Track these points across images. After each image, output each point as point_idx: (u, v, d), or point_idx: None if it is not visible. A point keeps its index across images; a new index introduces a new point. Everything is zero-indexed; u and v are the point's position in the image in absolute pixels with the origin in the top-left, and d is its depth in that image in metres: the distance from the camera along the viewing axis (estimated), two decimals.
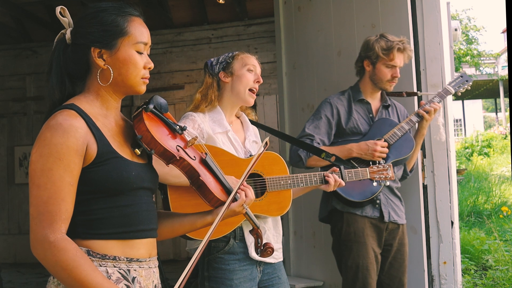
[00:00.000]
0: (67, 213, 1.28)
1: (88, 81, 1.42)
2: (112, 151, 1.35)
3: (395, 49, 2.76)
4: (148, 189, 1.45)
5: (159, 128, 1.43)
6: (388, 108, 2.94)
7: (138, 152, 1.40)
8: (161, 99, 1.48)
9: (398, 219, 2.81)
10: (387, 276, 2.83)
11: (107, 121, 1.41)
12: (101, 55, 1.39)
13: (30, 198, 1.28)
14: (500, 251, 5.39)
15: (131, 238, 1.38)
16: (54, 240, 1.24)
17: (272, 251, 1.70)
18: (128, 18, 1.41)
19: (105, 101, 1.42)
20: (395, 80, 2.82)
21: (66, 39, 1.41)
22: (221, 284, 2.13)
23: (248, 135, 2.35)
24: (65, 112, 1.32)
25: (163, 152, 1.40)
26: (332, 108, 2.85)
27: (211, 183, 1.49)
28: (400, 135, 2.75)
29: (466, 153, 15.43)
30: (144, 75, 1.43)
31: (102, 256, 1.32)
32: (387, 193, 2.81)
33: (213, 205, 1.51)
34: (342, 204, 2.76)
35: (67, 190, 1.27)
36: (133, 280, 1.37)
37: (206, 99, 2.26)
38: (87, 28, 1.40)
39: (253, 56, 2.33)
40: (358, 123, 2.83)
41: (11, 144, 7.24)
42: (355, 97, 2.89)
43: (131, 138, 1.44)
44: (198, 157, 1.50)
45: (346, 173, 2.39)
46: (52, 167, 1.26)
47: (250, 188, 1.60)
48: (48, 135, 1.30)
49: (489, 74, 19.73)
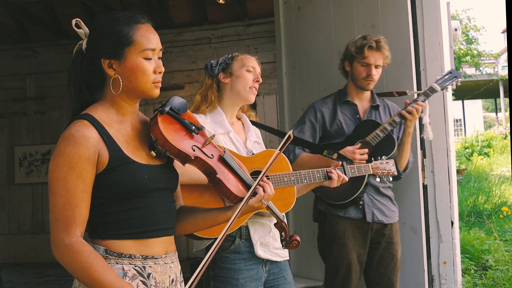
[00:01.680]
0: (82, 217, 1.37)
1: (104, 89, 1.50)
2: (123, 157, 1.42)
3: (367, 47, 2.80)
4: (166, 189, 1.52)
5: (174, 130, 1.48)
6: (378, 108, 2.94)
7: (154, 154, 1.46)
8: (178, 100, 1.53)
9: (384, 219, 2.82)
10: (375, 274, 2.85)
11: (123, 126, 1.48)
12: (111, 65, 1.45)
13: (50, 206, 1.38)
14: (500, 251, 5.39)
15: (146, 238, 1.45)
16: (69, 243, 1.34)
17: (298, 243, 1.71)
18: (134, 27, 1.46)
19: (120, 107, 1.49)
20: (370, 78, 2.83)
21: (83, 50, 1.48)
22: (226, 284, 2.13)
23: (249, 135, 2.36)
24: (78, 123, 1.41)
25: (178, 153, 1.46)
26: (316, 112, 2.89)
27: (229, 180, 1.54)
28: (382, 136, 2.76)
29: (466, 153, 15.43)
30: (155, 80, 1.48)
31: (118, 254, 1.41)
32: (372, 193, 2.82)
33: (232, 201, 1.56)
34: (326, 206, 2.81)
35: (81, 197, 1.37)
36: (149, 276, 1.44)
37: (206, 100, 2.28)
38: (97, 40, 1.47)
39: (253, 56, 2.34)
40: (343, 124, 2.85)
41: (11, 144, 7.24)
42: (341, 98, 2.93)
43: (148, 141, 1.50)
44: (217, 155, 1.56)
45: (349, 168, 2.40)
46: (66, 176, 1.36)
47: (270, 184, 1.63)
48: (62, 146, 1.38)
49: (489, 74, 19.73)
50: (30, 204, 7.14)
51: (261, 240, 2.19)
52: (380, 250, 2.84)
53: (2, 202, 7.19)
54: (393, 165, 2.53)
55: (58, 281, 5.85)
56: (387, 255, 2.84)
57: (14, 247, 7.07)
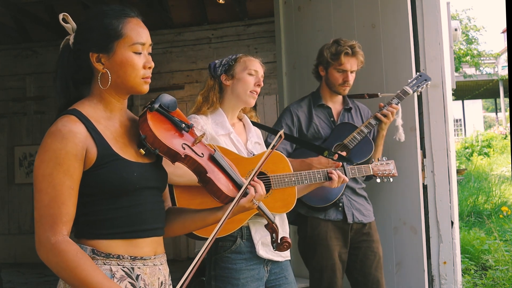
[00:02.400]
0: (68, 215, 1.32)
1: (92, 85, 1.45)
2: (112, 154, 1.37)
3: (343, 53, 2.80)
4: (154, 188, 1.47)
5: (163, 127, 1.44)
6: (351, 111, 2.96)
7: (143, 152, 1.41)
8: (167, 98, 1.49)
9: (363, 219, 2.84)
10: (361, 274, 2.85)
11: (111, 123, 1.43)
12: (99, 59, 1.41)
13: (34, 203, 1.32)
14: (500, 251, 5.39)
15: (135, 238, 1.40)
16: (55, 242, 1.29)
17: (289, 245, 1.69)
18: (123, 20, 1.42)
19: (108, 103, 1.44)
20: (346, 84, 2.84)
21: (70, 45, 1.45)
22: (227, 284, 2.13)
23: (250, 136, 2.36)
24: (65, 118, 1.35)
25: (167, 151, 1.41)
26: (292, 116, 2.88)
27: (219, 180, 1.49)
28: (359, 139, 2.77)
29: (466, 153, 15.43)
30: (145, 75, 1.43)
31: (106, 255, 1.36)
32: (349, 194, 2.84)
33: (223, 201, 1.51)
34: (306, 209, 2.80)
35: (67, 194, 1.31)
36: (137, 277, 1.39)
37: (208, 101, 2.28)
38: (85, 34, 1.43)
39: (257, 59, 2.34)
40: (319, 127, 2.86)
41: (11, 144, 7.24)
42: (315, 102, 2.93)
43: (137, 138, 1.45)
44: (207, 154, 1.51)
45: (350, 169, 2.40)
46: (52, 172, 1.31)
47: (261, 184, 1.59)
48: (48, 141, 1.33)
49: (489, 74, 19.71)
50: (30, 204, 7.14)
51: (263, 240, 2.19)
52: (363, 250, 2.84)
53: (2, 202, 7.20)
54: (394, 166, 2.53)
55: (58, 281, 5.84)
56: (370, 254, 2.85)
57: (14, 247, 7.07)
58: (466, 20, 23.02)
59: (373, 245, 2.86)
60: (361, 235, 2.85)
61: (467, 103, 24.91)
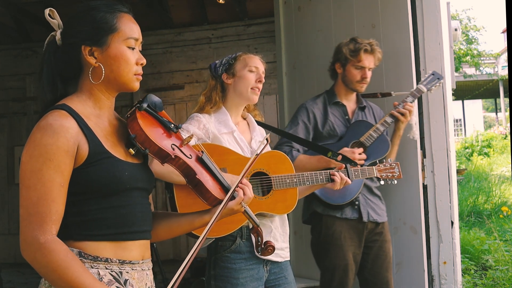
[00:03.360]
0: (58, 214, 1.26)
1: (81, 81, 1.41)
2: (104, 151, 1.33)
3: (362, 50, 2.82)
4: (143, 189, 1.43)
5: (153, 127, 1.41)
6: (364, 110, 2.96)
7: (132, 152, 1.38)
8: (155, 98, 1.46)
9: (377, 218, 2.84)
10: (371, 274, 2.85)
11: (100, 121, 1.39)
12: (92, 52, 1.37)
13: (20, 200, 1.26)
14: (500, 251, 5.39)
15: (124, 240, 1.36)
16: (45, 242, 1.23)
17: (273, 249, 1.67)
18: (117, 15, 1.39)
19: (98, 100, 1.40)
20: (364, 81, 2.85)
21: (57, 40, 1.40)
22: (227, 283, 2.13)
23: (255, 135, 2.36)
24: (56, 113, 1.31)
25: (158, 151, 1.38)
26: (308, 113, 2.88)
27: (208, 182, 1.46)
28: (376, 137, 2.78)
29: (466, 153, 15.43)
30: (137, 71, 1.41)
31: (94, 258, 1.31)
32: (365, 193, 2.84)
33: (211, 203, 1.48)
34: (323, 207, 2.80)
35: (57, 191, 1.26)
36: (125, 282, 1.34)
37: (210, 101, 2.28)
38: (77, 27, 1.39)
39: (256, 56, 2.34)
40: (334, 125, 2.86)
41: (11, 144, 7.24)
42: (330, 100, 2.93)
43: (125, 138, 1.41)
44: (195, 155, 1.49)
45: (353, 171, 2.39)
46: (42, 168, 1.25)
47: (249, 186, 1.57)
48: (38, 135, 1.27)
49: (489, 74, 19.71)
50: None
51: None
52: (375, 249, 2.85)
53: (2, 202, 7.19)
54: (399, 168, 2.53)
55: None
56: (381, 254, 2.85)
57: (14, 247, 7.06)
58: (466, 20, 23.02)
59: (385, 245, 2.87)
60: (374, 235, 2.85)
61: (467, 103, 24.91)
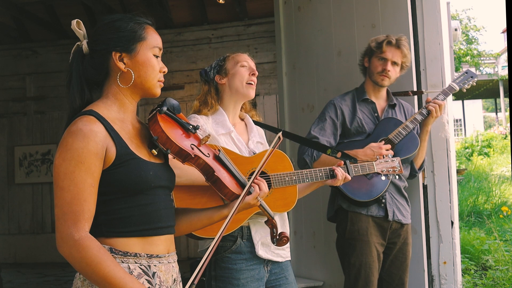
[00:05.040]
0: (90, 212, 1.36)
1: (106, 87, 1.51)
2: (130, 153, 1.43)
3: (385, 42, 2.82)
4: (166, 187, 1.54)
5: (173, 129, 1.51)
6: (395, 108, 2.95)
7: (155, 153, 1.48)
8: (173, 101, 1.56)
9: (402, 219, 2.83)
10: (387, 274, 2.84)
11: (124, 124, 1.49)
12: (122, 58, 1.49)
13: (55, 200, 1.36)
14: (500, 251, 5.39)
15: (151, 235, 1.46)
16: (79, 238, 1.32)
17: (287, 240, 1.75)
18: (144, 26, 1.53)
19: (122, 104, 1.51)
20: (385, 73, 2.82)
21: (83, 50, 1.51)
22: (228, 284, 2.13)
23: (252, 136, 2.35)
24: (85, 118, 1.40)
25: (179, 151, 1.48)
26: (336, 109, 2.87)
27: (225, 178, 1.58)
28: (404, 134, 2.77)
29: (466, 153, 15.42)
30: (160, 78, 1.54)
31: (124, 253, 1.41)
32: (393, 192, 2.82)
33: (229, 198, 1.60)
34: (348, 204, 2.78)
35: (89, 191, 1.36)
36: (153, 275, 1.45)
37: (206, 104, 2.29)
38: (107, 35, 1.50)
39: (244, 53, 2.35)
40: (363, 122, 2.85)
41: (11, 144, 7.25)
42: (359, 96, 2.92)
43: (147, 140, 1.52)
44: (212, 154, 1.60)
45: (352, 167, 2.39)
46: (74, 170, 1.35)
47: (264, 182, 1.67)
48: (69, 140, 1.37)
49: (489, 74, 19.71)
50: (30, 204, 7.15)
51: (263, 240, 2.19)
52: (395, 251, 2.84)
53: (2, 202, 7.20)
54: (399, 163, 2.52)
55: (58, 281, 5.85)
56: (400, 256, 2.84)
57: (14, 247, 7.07)
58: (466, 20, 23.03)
59: (406, 248, 2.86)
60: (397, 236, 2.83)
61: (467, 103, 24.90)
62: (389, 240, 2.82)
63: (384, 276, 2.84)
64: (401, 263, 2.84)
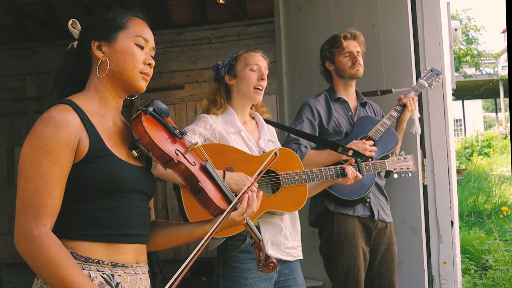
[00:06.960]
0: (54, 207, 1.25)
1: (89, 79, 1.44)
2: (104, 149, 1.32)
3: (342, 37, 2.86)
4: (143, 193, 1.42)
5: (157, 131, 1.40)
6: (365, 106, 2.97)
7: (135, 154, 1.37)
8: (161, 104, 1.46)
9: (386, 217, 2.84)
10: (377, 276, 2.84)
11: (104, 120, 1.39)
12: (101, 47, 1.41)
13: (17, 191, 1.25)
14: (500, 251, 5.39)
15: (118, 242, 1.34)
16: (38, 235, 1.21)
17: (274, 266, 1.58)
18: (129, 16, 1.46)
19: (103, 98, 1.41)
20: (357, 63, 2.84)
21: (74, 46, 1.46)
22: (236, 283, 2.12)
23: (263, 134, 2.34)
24: (59, 106, 1.31)
25: (161, 155, 1.37)
26: (312, 110, 2.87)
27: (210, 190, 1.43)
28: (383, 131, 2.79)
29: (466, 153, 15.42)
30: (143, 70, 1.43)
31: (85, 259, 1.29)
32: (375, 191, 2.83)
33: (212, 213, 1.45)
34: (335, 205, 2.76)
35: (55, 184, 1.24)
36: (117, 285, 1.32)
37: (215, 103, 2.28)
38: (89, 26, 1.45)
39: (258, 52, 2.32)
40: (339, 121, 2.85)
41: (11, 144, 7.24)
42: (332, 96, 2.92)
43: (128, 141, 1.41)
44: (198, 163, 1.46)
45: (364, 165, 2.37)
46: (41, 160, 1.24)
47: (255, 199, 1.52)
48: (40, 127, 1.27)
49: (489, 74, 19.71)
50: None
51: (272, 239, 2.17)
52: (382, 252, 2.83)
53: (2, 202, 7.19)
54: (413, 161, 2.50)
55: None
56: (387, 256, 2.84)
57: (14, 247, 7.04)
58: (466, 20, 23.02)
59: (392, 247, 2.86)
60: (382, 237, 2.83)
61: (467, 103, 24.90)
62: (374, 241, 2.82)
63: (374, 278, 2.84)
64: (389, 263, 2.84)
